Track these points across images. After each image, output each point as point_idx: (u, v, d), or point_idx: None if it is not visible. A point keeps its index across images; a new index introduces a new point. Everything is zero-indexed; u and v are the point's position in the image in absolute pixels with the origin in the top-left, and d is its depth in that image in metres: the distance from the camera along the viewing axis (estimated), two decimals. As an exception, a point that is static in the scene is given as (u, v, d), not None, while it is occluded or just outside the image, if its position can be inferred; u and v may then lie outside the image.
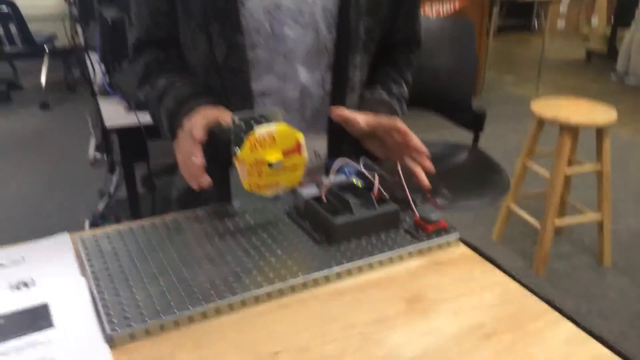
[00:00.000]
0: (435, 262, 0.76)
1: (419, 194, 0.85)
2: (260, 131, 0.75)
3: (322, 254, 0.74)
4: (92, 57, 2.15)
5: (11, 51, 4.39)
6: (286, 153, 0.77)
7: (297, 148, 0.78)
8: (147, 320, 0.62)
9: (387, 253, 0.74)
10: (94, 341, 0.60)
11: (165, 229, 0.81)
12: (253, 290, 0.67)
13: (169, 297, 0.66)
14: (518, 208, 2.52)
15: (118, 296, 0.66)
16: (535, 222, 2.40)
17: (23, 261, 0.75)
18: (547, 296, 0.69)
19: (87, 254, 0.75)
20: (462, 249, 0.79)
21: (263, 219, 0.83)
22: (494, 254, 0.77)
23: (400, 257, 0.75)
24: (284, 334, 0.62)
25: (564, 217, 2.51)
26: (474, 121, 2.17)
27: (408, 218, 0.82)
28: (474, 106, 2.17)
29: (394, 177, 0.83)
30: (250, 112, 0.78)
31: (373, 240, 0.77)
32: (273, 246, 0.76)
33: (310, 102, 1.00)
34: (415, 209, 0.81)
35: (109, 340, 0.60)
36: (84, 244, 0.77)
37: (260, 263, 0.72)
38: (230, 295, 0.66)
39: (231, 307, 0.66)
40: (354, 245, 0.76)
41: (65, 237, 0.81)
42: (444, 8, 4.16)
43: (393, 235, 0.78)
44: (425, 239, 0.78)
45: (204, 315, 0.65)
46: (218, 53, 0.94)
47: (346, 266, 0.72)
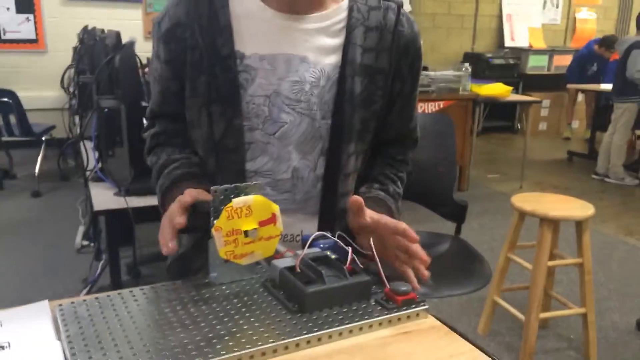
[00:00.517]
0: (404, 332, 0.78)
1: (391, 268, 0.88)
2: (237, 201, 0.79)
3: (294, 322, 0.76)
4: (87, 145, 2.23)
5: (9, 141, 4.50)
6: (262, 223, 0.81)
7: (273, 219, 0.82)
8: (117, 379, 0.63)
9: (357, 322, 0.77)
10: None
11: (142, 297, 0.83)
12: (224, 354, 0.69)
13: None
14: (503, 301, 2.52)
15: (90, 359, 0.67)
16: (520, 315, 2.40)
17: (0, 326, 0.77)
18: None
19: (64, 320, 0.77)
20: (431, 320, 0.81)
21: (238, 289, 0.85)
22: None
23: (369, 326, 0.77)
24: (251, 396, 0.63)
25: (549, 311, 2.51)
26: (456, 213, 2.23)
27: (379, 290, 0.84)
28: (456, 198, 2.24)
29: (367, 251, 0.87)
30: (231, 186, 0.83)
31: (344, 309, 0.79)
32: (246, 314, 0.78)
33: (301, 185, 1.04)
34: (385, 281, 0.83)
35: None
36: (62, 311, 0.79)
37: (232, 329, 0.74)
38: (201, 358, 0.68)
39: (201, 370, 0.67)
40: (326, 313, 0.78)
41: (44, 304, 0.82)
42: (429, 107, 4.36)
43: (364, 305, 0.81)
44: (395, 310, 0.80)
45: (174, 377, 0.66)
46: (217, 132, 1.00)
47: (316, 333, 0.74)
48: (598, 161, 5.35)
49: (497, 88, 4.76)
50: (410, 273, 0.88)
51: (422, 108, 4.32)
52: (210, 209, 0.81)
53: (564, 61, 7.38)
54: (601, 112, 5.83)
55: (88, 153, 2.22)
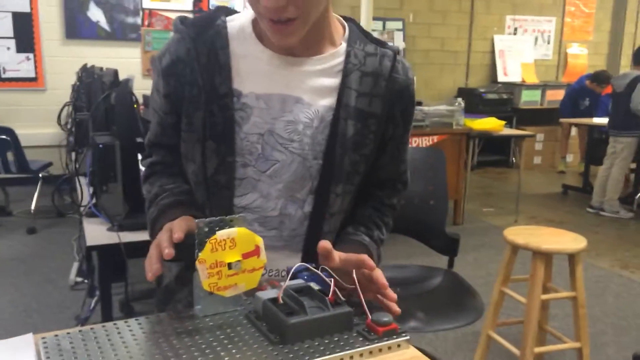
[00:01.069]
0: (385, 363, 0.78)
1: (373, 300, 0.89)
2: (221, 234, 0.80)
3: (275, 353, 0.77)
4: (82, 181, 2.25)
5: (5, 178, 4.52)
6: (245, 255, 0.82)
7: (256, 251, 0.83)
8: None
9: (338, 353, 0.77)
10: None
11: (126, 330, 0.84)
12: (204, 386, 0.69)
13: (121, 391, 0.67)
14: (498, 335, 2.50)
15: (71, 390, 0.68)
16: (515, 350, 2.38)
17: (-17, 359, 0.77)
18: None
19: (47, 352, 0.77)
20: (412, 351, 0.81)
21: (222, 321, 0.86)
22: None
23: (350, 357, 0.78)
24: None
25: (544, 345, 2.49)
26: (449, 246, 2.24)
27: (361, 321, 0.85)
28: (448, 231, 2.25)
29: (350, 283, 0.88)
30: (216, 219, 0.85)
31: (326, 340, 0.80)
32: (228, 345, 0.79)
33: (289, 222, 1.06)
34: (367, 312, 0.84)
35: None
36: (45, 343, 0.80)
37: (214, 361, 0.75)
38: (181, 390, 0.68)
39: (181, 402, 0.67)
40: (307, 344, 0.79)
41: (28, 337, 0.83)
42: (423, 142, 4.41)
43: (346, 336, 0.81)
44: (376, 341, 0.81)
45: (153, 408, 0.66)
46: (209, 168, 1.02)
47: (297, 365, 0.74)
48: (593, 195, 5.37)
49: (491, 122, 4.81)
50: (385, 301, 0.89)
51: (416, 142, 4.37)
52: (195, 241, 0.83)
53: (557, 96, 7.49)
54: (594, 146, 5.88)
55: (82, 189, 2.24)
